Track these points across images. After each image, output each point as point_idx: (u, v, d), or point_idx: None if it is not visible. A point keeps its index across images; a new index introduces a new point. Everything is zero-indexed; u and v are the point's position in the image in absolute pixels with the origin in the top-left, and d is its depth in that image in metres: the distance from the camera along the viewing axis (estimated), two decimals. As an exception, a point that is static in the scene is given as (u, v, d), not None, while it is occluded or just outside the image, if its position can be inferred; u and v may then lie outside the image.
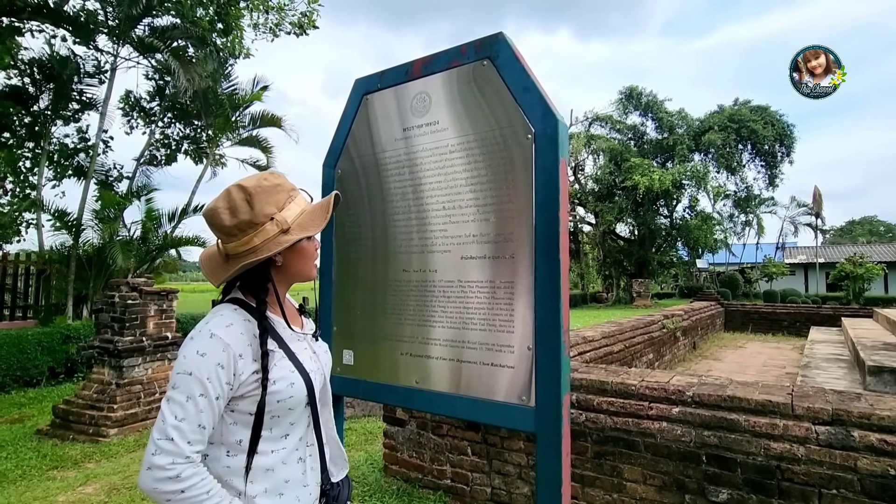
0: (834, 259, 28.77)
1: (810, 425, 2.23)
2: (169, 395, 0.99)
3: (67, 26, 8.63)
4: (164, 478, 0.93)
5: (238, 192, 1.09)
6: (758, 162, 27.44)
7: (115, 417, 4.59)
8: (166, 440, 0.95)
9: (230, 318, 1.08)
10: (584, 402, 2.84)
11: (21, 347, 6.58)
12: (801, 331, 12.73)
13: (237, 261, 1.10)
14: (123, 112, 10.54)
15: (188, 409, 0.98)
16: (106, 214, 8.83)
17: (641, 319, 7.61)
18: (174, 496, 0.94)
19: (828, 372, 6.24)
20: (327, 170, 1.80)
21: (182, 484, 0.94)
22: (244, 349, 1.06)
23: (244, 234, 1.09)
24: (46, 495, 3.36)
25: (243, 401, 1.06)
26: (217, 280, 1.12)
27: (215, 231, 1.11)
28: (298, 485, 1.11)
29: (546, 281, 1.30)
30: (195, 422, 0.98)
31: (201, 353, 1.01)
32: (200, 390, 0.99)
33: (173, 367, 1.03)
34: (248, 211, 1.08)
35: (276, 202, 1.11)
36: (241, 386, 1.05)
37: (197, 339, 1.04)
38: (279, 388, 1.08)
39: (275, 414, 1.08)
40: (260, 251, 1.09)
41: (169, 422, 0.96)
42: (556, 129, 1.31)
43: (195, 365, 1.00)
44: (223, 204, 1.09)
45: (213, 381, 1.00)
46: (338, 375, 1.72)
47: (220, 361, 1.01)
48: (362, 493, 3.27)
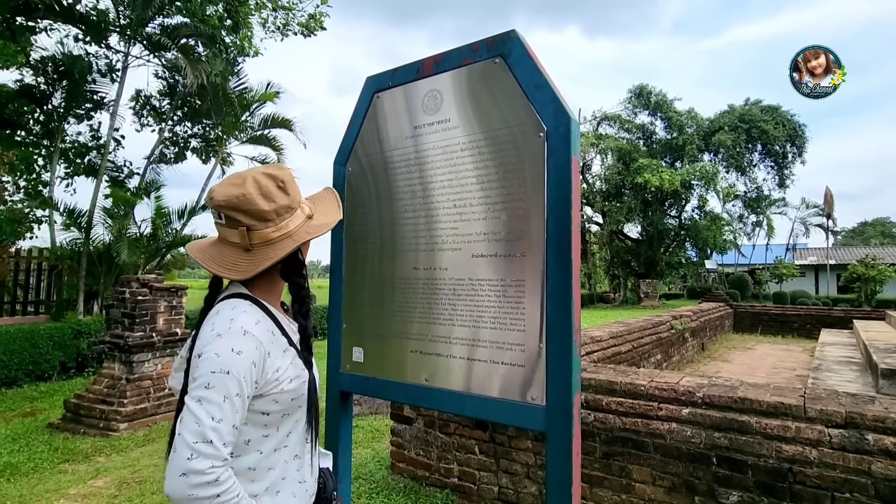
0: (845, 261, 28.42)
1: (823, 428, 2.20)
2: (201, 396, 0.92)
3: (80, 25, 8.73)
4: (203, 483, 0.88)
5: (267, 178, 1.06)
6: (768, 162, 27.18)
7: (125, 412, 4.64)
8: (204, 443, 0.89)
9: (255, 314, 1.05)
10: (593, 402, 2.82)
11: (33, 342, 6.67)
12: (811, 333, 12.58)
13: (271, 249, 1.05)
14: (134, 110, 10.65)
15: (226, 409, 0.93)
16: (116, 211, 8.92)
17: (649, 320, 7.56)
18: (210, 501, 0.88)
19: (839, 375, 6.17)
20: (338, 167, 1.80)
21: (219, 488, 0.89)
22: (271, 347, 1.03)
23: (281, 218, 1.07)
24: (58, 488, 3.41)
25: (260, 400, 1.02)
26: (245, 273, 1.05)
27: (246, 217, 1.04)
28: (294, 481, 1.10)
29: (557, 279, 1.29)
30: (231, 422, 0.93)
31: (237, 350, 0.96)
32: (237, 390, 0.94)
33: (199, 364, 0.96)
34: (284, 196, 1.07)
35: (298, 191, 1.12)
36: (264, 385, 1.02)
37: (228, 336, 0.98)
38: (295, 387, 1.07)
39: (284, 412, 1.06)
40: (295, 236, 1.07)
41: (206, 423, 0.90)
42: (568, 128, 1.31)
43: (232, 364, 0.95)
44: (254, 189, 1.03)
45: (247, 380, 0.97)
46: (347, 373, 1.73)
47: (254, 360, 0.98)
48: (369, 490, 3.27)
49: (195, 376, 0.96)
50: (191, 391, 0.94)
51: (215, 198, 1.04)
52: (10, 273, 8.49)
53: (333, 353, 1.77)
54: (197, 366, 0.96)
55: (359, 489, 3.26)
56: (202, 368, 0.95)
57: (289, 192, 1.08)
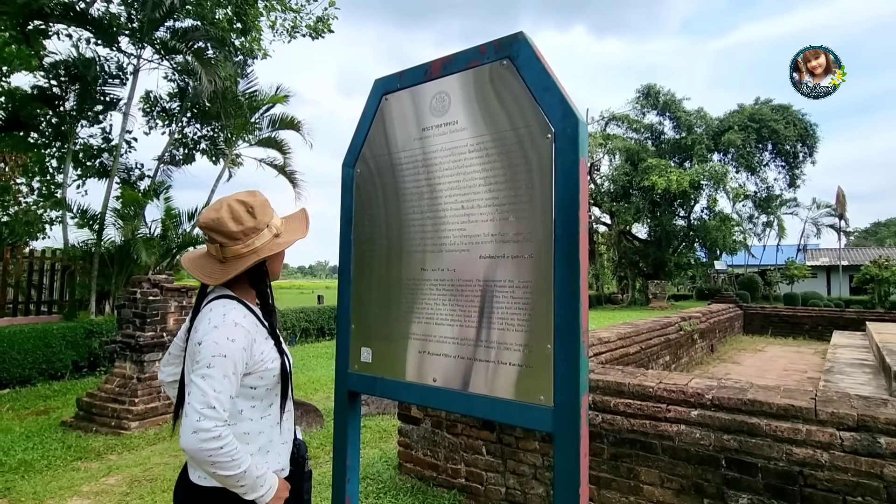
0: (858, 261, 28.02)
1: (834, 431, 2.18)
2: (204, 373, 1.19)
3: (92, 29, 8.85)
4: (210, 437, 1.15)
5: (239, 204, 1.33)
6: (779, 162, 26.87)
7: (136, 411, 4.70)
8: (209, 408, 1.17)
9: (242, 309, 1.32)
10: (601, 403, 2.81)
11: (46, 341, 6.77)
12: (823, 335, 12.43)
13: (238, 262, 1.33)
14: (144, 112, 10.76)
15: (224, 383, 1.20)
16: (127, 212, 9.03)
17: (658, 321, 7.51)
18: (215, 452, 1.16)
19: (852, 377, 6.09)
20: (346, 169, 1.81)
21: (222, 441, 1.17)
22: (256, 335, 1.32)
23: (248, 238, 1.33)
24: (71, 485, 3.46)
25: (249, 377, 1.30)
26: (216, 280, 1.33)
27: (218, 237, 1.32)
28: (278, 443, 1.40)
29: (565, 281, 1.29)
30: (228, 393, 1.21)
31: (231, 338, 1.23)
32: (232, 369, 1.22)
33: (201, 350, 1.22)
34: (252, 219, 1.33)
35: (269, 214, 1.38)
36: (252, 365, 1.29)
37: (222, 327, 1.24)
38: (275, 366, 1.35)
39: (268, 386, 1.35)
40: (261, 252, 1.34)
41: (209, 394, 1.18)
42: (576, 129, 1.31)
43: (227, 349, 1.22)
44: (227, 215, 1.31)
45: (239, 361, 1.24)
46: (355, 373, 1.74)
47: (244, 346, 1.26)
48: (377, 490, 3.29)
49: (198, 360, 1.22)
50: (196, 370, 1.21)
51: (200, 220, 1.35)
52: (24, 273, 8.63)
53: (342, 353, 1.78)
54: (199, 351, 1.23)
55: (366, 489, 3.28)
56: (204, 353, 1.21)
57: (256, 216, 1.34)
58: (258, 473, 1.26)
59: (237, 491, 1.24)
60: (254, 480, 1.24)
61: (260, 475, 1.27)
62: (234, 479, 1.21)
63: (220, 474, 1.19)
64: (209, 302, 1.34)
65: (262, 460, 1.33)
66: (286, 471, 1.41)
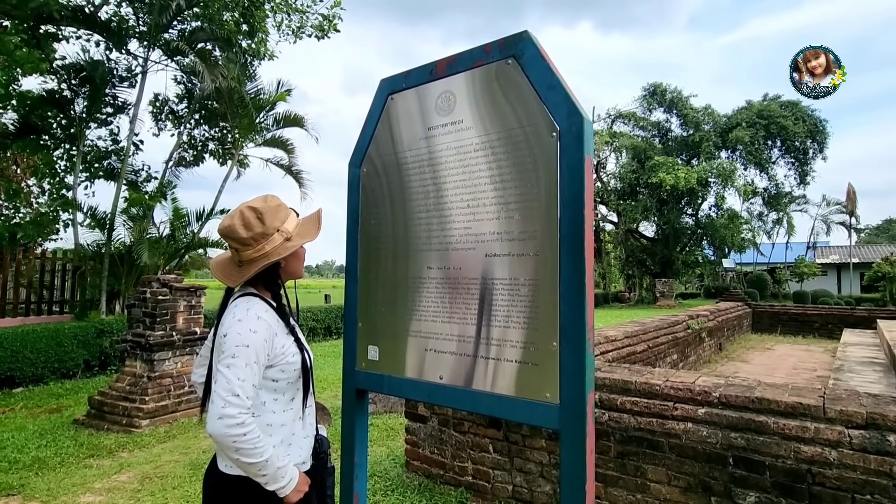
0: (869, 259, 27.69)
1: (843, 429, 2.17)
2: (229, 363, 1.25)
3: (101, 32, 8.94)
4: (234, 423, 1.21)
5: (250, 211, 1.39)
6: (788, 159, 26.58)
7: (146, 409, 4.75)
8: (233, 396, 1.22)
9: (264, 305, 1.39)
10: (608, 401, 2.81)
11: (58, 341, 6.87)
12: (833, 333, 12.30)
13: (251, 265, 1.39)
14: (152, 114, 10.86)
15: (247, 372, 1.26)
16: (136, 213, 9.12)
17: (665, 319, 7.48)
18: (239, 438, 1.21)
19: (862, 375, 6.03)
20: (353, 169, 1.83)
21: (245, 428, 1.22)
22: (277, 329, 1.38)
23: (258, 243, 1.39)
24: (84, 482, 3.51)
25: (271, 369, 1.35)
26: (233, 282, 1.41)
27: (233, 243, 1.40)
28: (300, 437, 1.45)
29: (571, 278, 1.30)
30: (251, 382, 1.27)
31: (253, 330, 1.30)
32: (255, 358, 1.29)
33: (226, 342, 1.29)
34: (261, 225, 1.39)
35: (280, 218, 1.43)
36: (274, 357, 1.35)
37: (246, 320, 1.31)
38: (296, 360, 1.41)
39: (289, 380, 1.41)
40: (271, 255, 1.40)
41: (234, 382, 1.23)
42: (581, 128, 1.31)
43: (251, 340, 1.29)
44: (238, 221, 1.38)
45: (261, 352, 1.30)
46: (363, 371, 1.75)
47: (265, 338, 1.32)
48: (384, 487, 3.31)
49: (223, 350, 1.28)
50: (221, 360, 1.27)
51: (218, 228, 1.43)
52: (36, 274, 8.75)
53: (349, 351, 1.79)
54: (224, 342, 1.29)
55: (374, 486, 3.30)
56: (228, 343, 1.28)
57: (265, 222, 1.39)
58: (280, 465, 1.30)
59: (259, 480, 1.28)
60: (275, 471, 1.28)
61: (281, 466, 1.30)
62: (257, 468, 1.25)
63: (243, 461, 1.24)
64: (235, 299, 1.42)
65: (285, 453, 1.37)
66: (307, 464, 1.46)
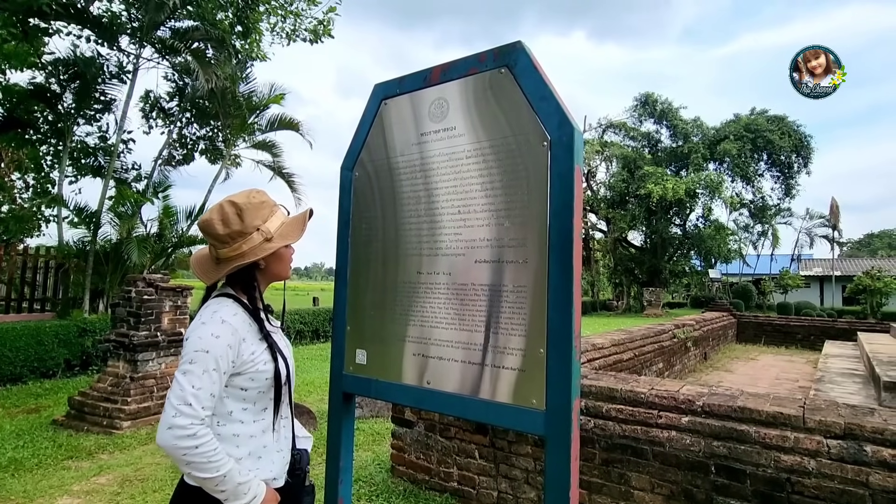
0: (851, 272, 28.25)
1: (822, 438, 2.21)
2: (185, 369, 1.17)
3: (92, 28, 8.84)
4: (184, 435, 1.11)
5: (230, 206, 1.30)
6: (774, 172, 27.12)
7: (128, 410, 4.68)
8: (185, 405, 1.13)
9: (234, 307, 1.29)
10: (593, 408, 2.83)
11: (39, 339, 6.73)
12: (815, 344, 12.51)
13: (227, 263, 1.31)
14: (143, 112, 10.75)
15: (204, 380, 1.16)
16: (124, 211, 9.00)
17: (652, 328, 7.55)
18: (189, 451, 1.12)
19: (842, 386, 6.14)
20: (345, 172, 1.84)
21: (197, 441, 1.12)
22: (246, 334, 1.28)
23: (235, 241, 1.30)
24: (62, 484, 3.44)
25: (239, 377, 1.26)
26: (209, 279, 1.33)
27: (210, 239, 1.33)
28: (273, 450, 1.33)
29: (559, 286, 1.32)
30: (208, 391, 1.17)
31: (215, 335, 1.21)
32: (214, 365, 1.18)
33: (186, 346, 1.21)
34: (239, 223, 1.30)
35: (262, 216, 1.34)
36: (241, 364, 1.25)
37: (209, 323, 1.22)
38: (269, 369, 1.30)
39: (261, 389, 1.30)
40: (247, 256, 1.31)
41: (187, 390, 1.14)
42: (571, 138, 1.34)
43: (211, 345, 1.19)
44: (217, 216, 1.29)
45: (223, 358, 1.20)
46: (350, 374, 1.75)
47: (229, 343, 1.22)
48: (369, 492, 3.29)
49: (182, 354, 1.21)
50: (179, 366, 1.19)
51: (198, 221, 1.38)
52: (18, 270, 8.59)
53: (337, 354, 1.79)
54: (184, 346, 1.22)
55: (359, 491, 3.28)
56: (187, 348, 1.20)
57: (244, 220, 1.30)
58: (241, 480, 1.19)
59: (217, 496, 1.18)
60: (235, 487, 1.18)
61: (243, 482, 1.19)
62: (213, 483, 1.15)
63: (196, 475, 1.15)
64: (209, 301, 1.34)
65: (253, 466, 1.27)
66: (280, 480, 1.34)
